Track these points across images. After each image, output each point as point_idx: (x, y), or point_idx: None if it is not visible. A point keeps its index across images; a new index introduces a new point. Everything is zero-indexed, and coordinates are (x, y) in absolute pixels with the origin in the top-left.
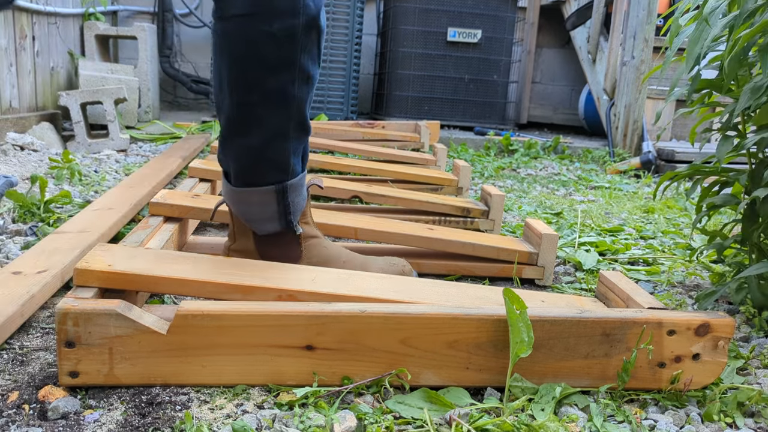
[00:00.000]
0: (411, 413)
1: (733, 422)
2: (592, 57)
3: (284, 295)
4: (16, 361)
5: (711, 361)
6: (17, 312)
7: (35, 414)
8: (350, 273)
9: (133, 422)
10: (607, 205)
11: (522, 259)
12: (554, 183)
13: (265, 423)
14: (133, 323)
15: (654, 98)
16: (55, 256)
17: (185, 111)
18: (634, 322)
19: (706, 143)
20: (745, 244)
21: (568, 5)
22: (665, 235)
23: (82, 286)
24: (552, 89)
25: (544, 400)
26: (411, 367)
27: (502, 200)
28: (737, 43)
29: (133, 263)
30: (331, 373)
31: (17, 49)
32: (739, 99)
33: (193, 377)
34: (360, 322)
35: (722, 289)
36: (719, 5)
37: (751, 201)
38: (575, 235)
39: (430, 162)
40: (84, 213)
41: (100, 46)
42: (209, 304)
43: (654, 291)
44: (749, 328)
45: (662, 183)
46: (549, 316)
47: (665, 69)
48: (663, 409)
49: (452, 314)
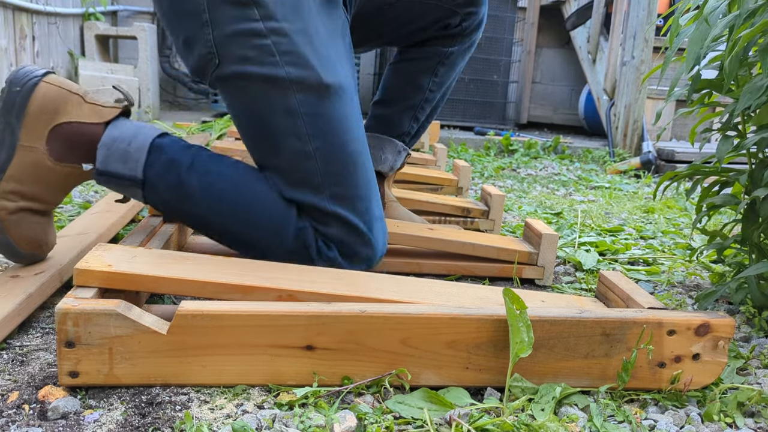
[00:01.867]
0: (411, 413)
1: (733, 422)
2: (592, 57)
3: (284, 295)
4: (16, 361)
5: (711, 361)
6: (14, 311)
7: (35, 414)
8: (350, 273)
9: (133, 422)
10: (607, 205)
11: (522, 259)
12: (554, 183)
13: (265, 423)
14: (133, 323)
15: (654, 98)
16: (53, 257)
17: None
18: (634, 322)
19: (706, 143)
20: (745, 244)
21: (568, 5)
22: (665, 235)
23: (82, 286)
24: (552, 89)
25: (544, 400)
26: (411, 367)
27: (502, 200)
28: (737, 43)
29: (133, 263)
30: (331, 373)
31: (17, 49)
32: (739, 99)
33: (193, 377)
34: (360, 322)
35: (722, 289)
36: (719, 5)
37: (751, 201)
38: (575, 235)
39: (430, 162)
40: (83, 216)
41: (100, 46)
42: (209, 304)
43: (654, 291)
44: (749, 328)
45: (662, 183)
46: (549, 316)
47: (665, 69)
48: (663, 409)
49: (452, 314)
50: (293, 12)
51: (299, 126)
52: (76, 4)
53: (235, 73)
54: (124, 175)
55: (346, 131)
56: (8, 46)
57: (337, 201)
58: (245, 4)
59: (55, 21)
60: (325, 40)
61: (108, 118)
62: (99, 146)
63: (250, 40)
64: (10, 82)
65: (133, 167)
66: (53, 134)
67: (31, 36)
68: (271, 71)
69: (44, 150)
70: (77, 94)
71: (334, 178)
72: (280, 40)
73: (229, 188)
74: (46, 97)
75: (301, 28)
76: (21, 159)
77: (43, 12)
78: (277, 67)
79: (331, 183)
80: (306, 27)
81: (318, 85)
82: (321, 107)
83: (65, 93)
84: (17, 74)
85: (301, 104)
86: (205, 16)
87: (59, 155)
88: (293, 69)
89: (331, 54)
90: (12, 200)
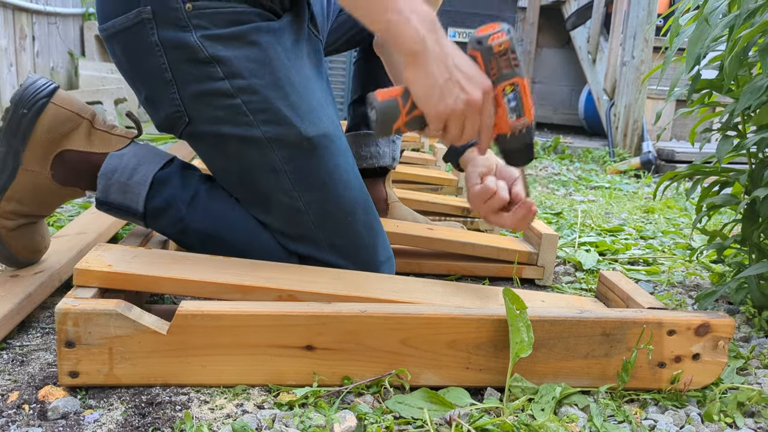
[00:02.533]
0: (411, 413)
1: (733, 422)
2: (592, 57)
3: (284, 294)
4: (16, 361)
5: (711, 361)
6: (14, 310)
7: (35, 414)
8: (350, 273)
9: (133, 422)
10: (607, 205)
11: (522, 260)
12: (554, 183)
13: (265, 423)
14: (133, 323)
15: (654, 98)
16: (52, 257)
17: None
18: (634, 322)
19: (706, 143)
20: (745, 244)
21: (568, 5)
22: (665, 235)
23: (82, 286)
24: (552, 89)
25: (544, 400)
26: (411, 367)
27: None
28: (737, 43)
29: (133, 263)
30: (331, 373)
31: (17, 49)
32: (739, 99)
33: (193, 377)
34: (360, 322)
35: (722, 289)
36: (719, 5)
37: (751, 201)
38: (575, 235)
39: (430, 162)
40: (82, 216)
41: (100, 46)
42: (209, 304)
43: (654, 291)
44: (749, 328)
45: (662, 183)
46: (549, 316)
47: (665, 69)
48: (663, 409)
49: (452, 314)
50: (261, 66)
51: (285, 183)
52: (76, 4)
53: (209, 133)
54: (122, 206)
55: (338, 181)
56: (8, 46)
57: (337, 252)
58: (206, 62)
59: (55, 21)
60: (300, 89)
61: (116, 148)
62: (99, 176)
63: (219, 100)
64: (17, 103)
65: (133, 200)
66: (58, 160)
67: (31, 36)
68: (246, 132)
69: (48, 174)
70: (86, 119)
71: (332, 230)
72: (251, 99)
73: (227, 235)
74: (54, 121)
75: (271, 81)
76: (23, 181)
77: (43, 12)
78: (252, 127)
79: (330, 235)
80: (277, 80)
81: (299, 141)
82: (307, 162)
83: (74, 117)
84: (24, 93)
85: (285, 161)
86: (168, 75)
87: (63, 180)
88: (270, 128)
89: (310, 102)
90: (12, 219)
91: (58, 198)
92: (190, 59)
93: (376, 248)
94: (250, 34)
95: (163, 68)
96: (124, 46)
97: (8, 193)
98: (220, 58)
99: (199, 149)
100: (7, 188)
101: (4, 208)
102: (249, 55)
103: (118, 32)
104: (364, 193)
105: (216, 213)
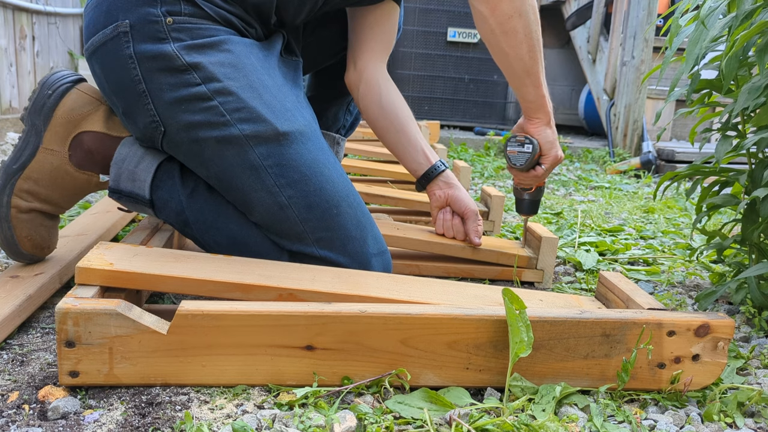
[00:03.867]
0: (411, 413)
1: (733, 422)
2: (592, 57)
3: (284, 293)
4: (16, 361)
5: (711, 361)
6: (15, 312)
7: (35, 414)
8: (350, 272)
9: (133, 422)
10: (607, 205)
11: (521, 263)
12: (554, 183)
13: (265, 423)
14: (134, 323)
15: (654, 98)
16: (52, 258)
17: None
18: (634, 323)
19: (706, 143)
20: (745, 244)
21: (568, 5)
22: (665, 235)
23: (84, 285)
24: (552, 89)
25: (544, 400)
26: (411, 367)
27: (501, 201)
28: (736, 44)
29: (134, 262)
30: (331, 373)
31: (17, 49)
32: (737, 99)
33: (193, 377)
34: (360, 322)
35: (722, 289)
36: (717, 6)
37: (751, 201)
38: (575, 235)
39: None
40: (83, 217)
41: None
42: (209, 303)
43: (654, 291)
44: (749, 328)
45: (662, 183)
46: (549, 316)
47: (665, 69)
48: (663, 409)
49: (452, 314)
50: (235, 70)
51: (266, 179)
52: (76, 4)
53: (185, 140)
54: (132, 193)
55: (317, 175)
56: (8, 46)
57: (324, 245)
58: (183, 70)
59: (55, 21)
60: (274, 91)
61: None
62: (111, 164)
63: (195, 104)
64: (43, 85)
65: (141, 187)
66: (76, 141)
67: (31, 36)
68: (223, 132)
69: (65, 155)
70: (106, 105)
71: (317, 224)
72: (227, 99)
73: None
74: (76, 103)
75: (246, 84)
76: (41, 160)
77: (43, 12)
78: (229, 126)
79: (315, 229)
80: (251, 82)
81: (276, 136)
82: (285, 156)
83: (95, 101)
84: (51, 77)
85: (263, 157)
86: (141, 87)
87: (79, 162)
88: (246, 125)
89: (284, 103)
90: (26, 200)
91: (72, 184)
92: (165, 68)
93: (365, 240)
94: (224, 43)
95: (136, 80)
96: (102, 62)
97: (26, 172)
98: (196, 65)
99: (180, 156)
100: (26, 166)
101: (20, 186)
102: (223, 61)
103: (97, 48)
104: (348, 189)
105: (214, 206)
